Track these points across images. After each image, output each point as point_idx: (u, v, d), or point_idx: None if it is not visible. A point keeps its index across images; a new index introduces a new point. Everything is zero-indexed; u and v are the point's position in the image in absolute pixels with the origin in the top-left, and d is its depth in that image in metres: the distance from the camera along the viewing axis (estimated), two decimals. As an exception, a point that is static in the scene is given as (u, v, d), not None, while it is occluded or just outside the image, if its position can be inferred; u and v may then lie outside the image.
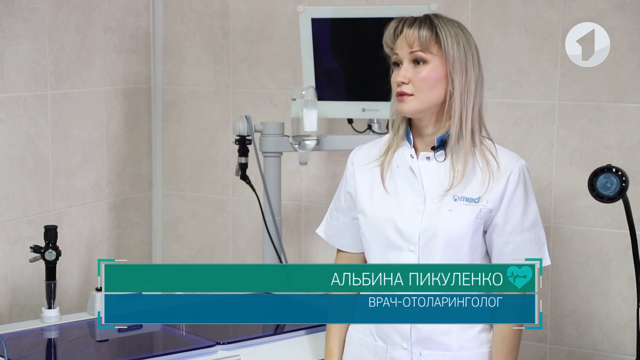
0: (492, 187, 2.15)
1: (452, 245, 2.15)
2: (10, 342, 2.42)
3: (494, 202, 2.15)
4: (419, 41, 2.13)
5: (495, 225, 2.16)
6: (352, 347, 2.31)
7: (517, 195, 2.16)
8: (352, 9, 3.03)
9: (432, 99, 2.15)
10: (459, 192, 2.16)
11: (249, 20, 3.41)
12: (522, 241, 2.17)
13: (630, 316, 2.92)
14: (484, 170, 2.16)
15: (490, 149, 2.18)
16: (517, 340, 2.19)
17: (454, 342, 2.18)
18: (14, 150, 2.92)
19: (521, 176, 2.16)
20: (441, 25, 2.14)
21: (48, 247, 2.66)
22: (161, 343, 2.62)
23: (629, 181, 2.29)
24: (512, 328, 2.17)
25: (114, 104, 3.38)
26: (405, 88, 2.16)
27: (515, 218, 2.16)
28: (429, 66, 2.14)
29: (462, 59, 2.14)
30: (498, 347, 2.18)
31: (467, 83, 2.14)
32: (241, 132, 2.96)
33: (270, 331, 2.65)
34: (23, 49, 2.93)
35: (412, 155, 2.21)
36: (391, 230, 2.20)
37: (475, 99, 2.16)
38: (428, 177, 2.19)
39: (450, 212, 2.15)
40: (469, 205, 2.15)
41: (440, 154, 2.19)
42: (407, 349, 2.20)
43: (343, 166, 3.29)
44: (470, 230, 2.15)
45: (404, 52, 2.16)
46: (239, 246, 3.53)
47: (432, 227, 2.16)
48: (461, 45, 2.14)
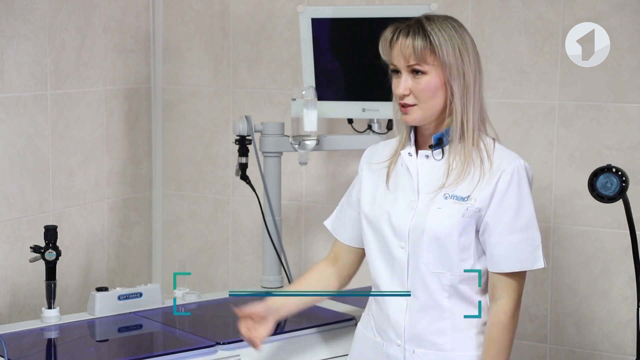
0: (483, 186, 2.14)
1: (438, 243, 2.14)
2: (10, 342, 2.42)
3: (483, 202, 2.14)
4: (415, 54, 2.13)
5: (486, 225, 2.15)
6: (357, 341, 2.35)
7: (508, 195, 2.14)
8: (352, 9, 3.03)
9: (434, 106, 2.16)
10: (451, 191, 2.16)
11: (249, 20, 3.41)
12: (513, 242, 2.14)
13: (630, 316, 2.92)
14: (477, 169, 2.16)
15: (487, 148, 2.18)
16: (505, 342, 2.16)
17: (448, 343, 2.18)
18: (14, 150, 2.92)
19: (514, 176, 2.14)
20: (434, 32, 2.12)
21: (48, 247, 2.66)
22: (161, 343, 2.62)
23: (629, 181, 2.29)
24: (500, 329, 2.16)
25: (114, 104, 3.38)
26: (408, 100, 2.16)
27: (506, 218, 2.14)
28: (427, 76, 2.14)
29: (458, 63, 2.13)
30: (485, 348, 2.17)
31: (465, 86, 2.14)
32: (241, 132, 2.96)
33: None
34: (23, 49, 2.93)
35: (410, 154, 2.22)
36: (386, 226, 2.21)
37: (475, 99, 2.16)
38: (424, 175, 2.20)
39: (439, 209, 2.15)
40: (457, 204, 2.15)
41: (438, 152, 2.19)
42: (401, 345, 2.20)
43: (343, 166, 3.33)
44: (458, 229, 2.14)
45: (401, 63, 2.16)
46: (239, 246, 3.53)
47: (420, 224, 2.16)
48: (456, 49, 2.13)
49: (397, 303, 2.20)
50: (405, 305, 2.19)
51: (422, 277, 2.17)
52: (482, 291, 2.20)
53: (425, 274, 2.16)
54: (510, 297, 2.16)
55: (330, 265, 2.37)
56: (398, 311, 2.20)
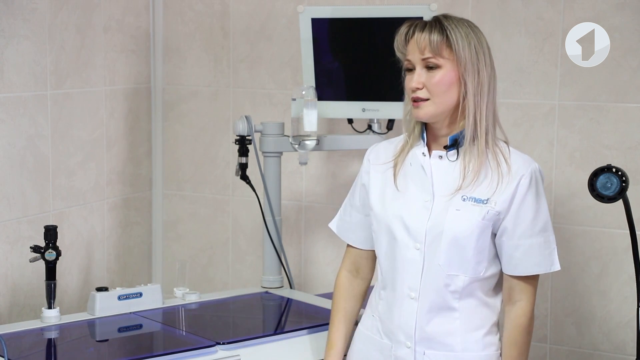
0: (502, 189, 2.14)
1: (457, 245, 2.14)
2: (10, 342, 2.41)
3: (502, 205, 2.14)
4: (430, 46, 2.13)
5: (505, 229, 2.15)
6: (360, 343, 2.33)
7: (528, 199, 2.14)
8: (352, 9, 3.03)
9: (447, 102, 2.15)
10: (468, 193, 2.15)
11: (249, 20, 3.41)
12: (532, 245, 2.16)
13: (630, 316, 2.92)
14: (494, 171, 2.15)
15: (503, 151, 2.17)
16: (525, 345, 2.19)
17: (458, 344, 2.18)
18: (14, 150, 2.92)
19: (533, 180, 2.15)
20: (451, 28, 2.13)
21: (48, 247, 2.66)
22: (161, 343, 2.62)
23: (629, 181, 2.29)
24: (521, 332, 2.17)
25: (114, 104, 3.38)
26: (420, 93, 2.16)
27: (525, 222, 2.15)
28: (442, 70, 2.14)
29: (473, 60, 2.13)
30: (507, 351, 2.18)
31: (479, 84, 2.14)
32: (241, 132, 2.96)
33: (271, 331, 2.65)
34: (23, 49, 2.93)
35: (424, 154, 2.21)
36: (399, 227, 2.20)
37: (489, 98, 2.15)
38: (439, 176, 2.19)
39: (457, 211, 2.15)
40: (476, 206, 2.14)
41: (453, 153, 2.18)
42: (411, 347, 2.20)
43: (343, 166, 3.33)
44: (477, 232, 2.14)
45: (416, 57, 2.15)
46: (239, 246, 3.53)
47: (438, 226, 2.15)
48: (472, 46, 2.13)
49: (407, 304, 2.20)
50: (416, 307, 2.19)
51: (435, 279, 2.16)
52: (493, 292, 2.20)
53: (439, 275, 2.16)
54: (528, 300, 2.18)
55: (354, 279, 2.37)
56: (408, 313, 2.19)
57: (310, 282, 3.41)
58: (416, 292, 2.18)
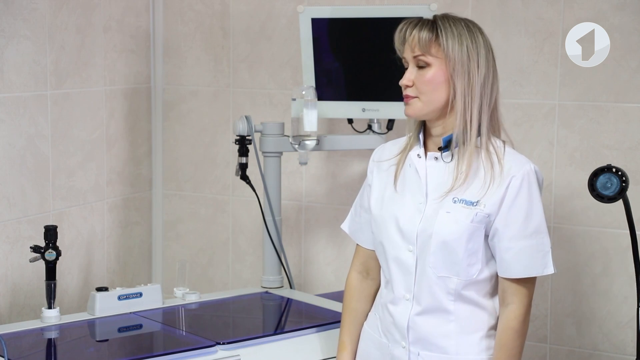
0: (493, 191, 2.12)
1: (446, 248, 2.13)
2: (10, 342, 2.41)
3: (492, 207, 2.12)
4: (420, 44, 2.13)
5: (496, 231, 2.13)
6: (363, 341, 2.34)
7: (519, 201, 2.12)
8: (352, 9, 3.03)
9: (435, 101, 2.14)
10: (460, 194, 2.14)
11: (249, 20, 3.41)
12: (523, 248, 2.13)
13: (630, 316, 2.92)
14: (488, 173, 2.13)
15: (498, 152, 2.15)
16: (516, 348, 2.15)
17: (452, 346, 2.17)
18: (14, 150, 2.92)
19: (525, 181, 2.12)
20: (444, 27, 2.12)
21: (48, 247, 2.66)
22: (161, 343, 2.62)
23: (629, 181, 2.29)
24: (511, 335, 2.15)
25: (114, 104, 3.38)
26: (409, 91, 2.16)
27: (516, 224, 2.12)
28: (431, 69, 2.13)
29: (464, 60, 2.12)
30: (496, 353, 2.16)
31: (469, 85, 2.12)
32: (241, 132, 2.96)
33: (270, 331, 2.65)
34: (23, 49, 2.93)
35: (419, 155, 2.21)
36: (393, 228, 2.20)
37: (483, 100, 2.14)
38: (432, 178, 2.18)
39: (447, 214, 2.14)
40: (466, 208, 2.13)
41: (447, 154, 2.17)
42: (406, 347, 2.20)
43: (343, 166, 3.33)
44: (466, 234, 2.12)
45: (409, 54, 2.16)
46: (239, 246, 3.53)
47: (428, 228, 2.15)
48: (464, 46, 2.12)
49: (402, 305, 2.20)
50: (410, 308, 2.19)
51: (428, 281, 2.16)
52: (489, 295, 2.19)
53: (432, 277, 2.15)
54: (521, 303, 2.14)
55: (364, 280, 2.36)
56: (403, 313, 2.19)
57: (310, 282, 3.41)
58: (410, 293, 2.18)
